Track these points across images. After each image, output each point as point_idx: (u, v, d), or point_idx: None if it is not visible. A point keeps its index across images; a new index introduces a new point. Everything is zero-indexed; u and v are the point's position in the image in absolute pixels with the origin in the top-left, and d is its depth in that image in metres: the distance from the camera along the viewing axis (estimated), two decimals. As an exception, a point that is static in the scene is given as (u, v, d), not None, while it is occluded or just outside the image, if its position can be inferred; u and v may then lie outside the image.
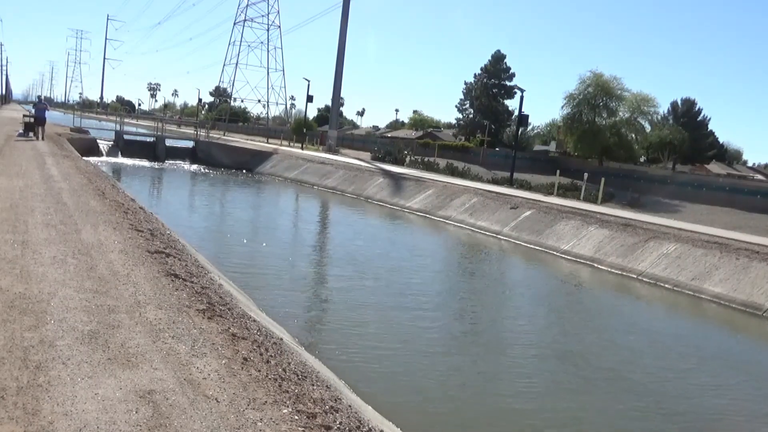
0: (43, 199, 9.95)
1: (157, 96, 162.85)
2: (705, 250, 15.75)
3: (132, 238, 8.06)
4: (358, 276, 12.96)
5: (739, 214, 25.80)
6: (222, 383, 3.97)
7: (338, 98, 50.59)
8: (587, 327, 11.41)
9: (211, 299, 6.03)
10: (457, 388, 7.56)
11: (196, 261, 8.22)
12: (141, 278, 6.13)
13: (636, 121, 40.33)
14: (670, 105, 59.14)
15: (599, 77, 39.45)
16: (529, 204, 22.38)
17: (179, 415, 3.45)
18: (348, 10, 45.89)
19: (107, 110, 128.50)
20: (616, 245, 17.44)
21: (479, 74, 58.74)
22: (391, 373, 7.65)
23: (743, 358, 10.67)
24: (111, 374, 3.83)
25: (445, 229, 22.11)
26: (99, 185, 13.13)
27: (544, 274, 16.61)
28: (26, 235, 7.20)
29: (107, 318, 4.82)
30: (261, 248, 15.33)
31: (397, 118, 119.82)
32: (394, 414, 5.89)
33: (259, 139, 60.67)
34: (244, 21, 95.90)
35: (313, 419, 3.75)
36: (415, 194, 26.70)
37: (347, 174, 32.24)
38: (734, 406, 8.12)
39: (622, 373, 8.79)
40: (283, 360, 4.81)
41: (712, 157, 62.23)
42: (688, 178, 35.61)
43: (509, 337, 10.18)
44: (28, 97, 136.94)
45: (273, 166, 38.09)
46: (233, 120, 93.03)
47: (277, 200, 28.41)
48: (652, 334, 11.30)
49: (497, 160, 41.31)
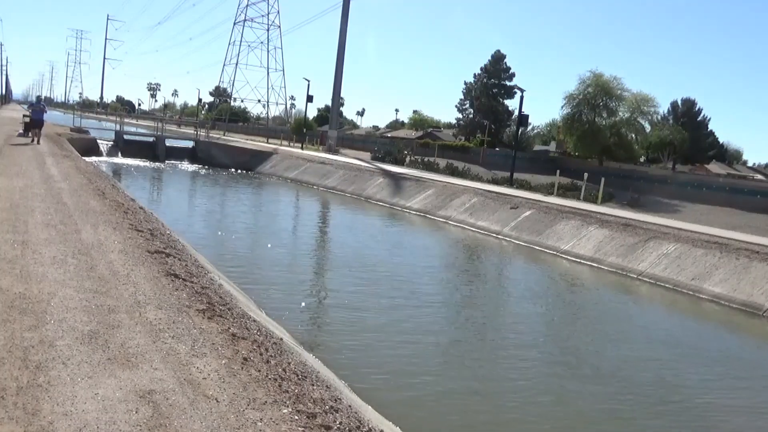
0: (43, 199, 9.95)
1: (157, 96, 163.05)
2: (705, 250, 15.75)
3: (132, 238, 8.06)
4: (358, 276, 12.95)
5: (739, 214, 25.81)
6: (222, 383, 3.97)
7: (338, 98, 50.60)
8: (587, 328, 11.41)
9: (211, 299, 6.02)
10: (457, 388, 7.56)
11: (196, 261, 8.22)
12: (141, 278, 6.12)
13: (636, 121, 40.34)
14: (670, 105, 59.29)
15: (599, 77, 39.46)
16: (529, 204, 22.38)
17: (179, 415, 3.45)
18: (348, 10, 45.91)
19: (107, 110, 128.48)
20: (616, 245, 17.44)
21: (479, 74, 58.74)
22: (391, 373, 7.65)
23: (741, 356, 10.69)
24: (111, 374, 3.82)
25: (445, 229, 22.11)
26: (99, 185, 13.13)
27: (545, 275, 16.61)
28: (26, 235, 7.20)
29: (107, 318, 4.81)
30: (261, 248, 15.33)
31: (397, 118, 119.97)
32: (394, 414, 5.90)
33: (259, 139, 60.65)
34: (244, 21, 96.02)
35: (313, 419, 3.75)
36: (415, 194, 26.70)
37: (347, 174, 32.23)
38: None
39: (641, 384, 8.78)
40: (283, 360, 4.81)
41: (712, 157, 62.26)
42: (688, 178, 35.61)
43: (510, 338, 10.17)
44: (28, 97, 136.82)
45: (273, 166, 38.09)
46: (233, 120, 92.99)
47: (277, 200, 28.40)
48: (660, 336, 11.30)
49: (497, 160, 41.30)
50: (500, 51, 57.90)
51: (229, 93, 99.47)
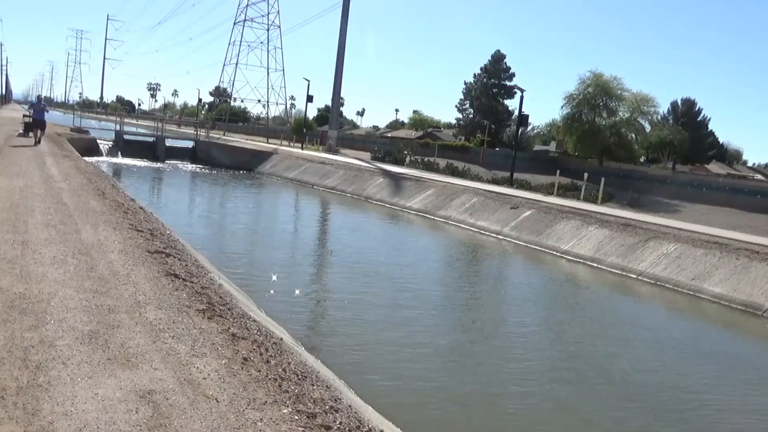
0: (43, 199, 9.95)
1: (157, 96, 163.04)
2: (705, 250, 15.75)
3: (132, 238, 8.06)
4: (358, 276, 12.95)
5: (739, 214, 25.81)
6: (222, 383, 3.97)
7: (338, 98, 50.60)
8: (587, 328, 11.41)
9: (211, 299, 6.02)
10: (458, 388, 7.56)
11: (196, 261, 8.22)
12: (141, 278, 6.12)
13: (636, 121, 40.34)
14: (670, 105, 59.35)
15: (599, 77, 39.46)
16: (529, 204, 22.38)
17: (179, 415, 3.45)
18: (348, 10, 45.92)
19: (107, 110, 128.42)
20: (616, 245, 17.44)
21: (479, 74, 58.74)
22: (391, 373, 7.65)
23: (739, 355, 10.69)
24: (111, 374, 3.82)
25: (445, 229, 22.11)
26: (99, 185, 13.13)
27: (545, 275, 16.61)
28: (26, 235, 7.20)
29: (107, 318, 4.81)
30: (262, 248, 15.33)
31: (397, 118, 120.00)
32: (395, 414, 5.89)
33: (259, 139, 60.64)
34: (244, 21, 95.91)
35: (313, 419, 3.75)
36: (415, 194, 26.70)
37: (347, 174, 32.24)
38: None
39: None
40: (283, 360, 4.81)
41: (712, 157, 62.28)
42: (688, 178, 35.61)
43: (510, 338, 10.16)
44: (28, 97, 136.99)
45: (273, 166, 38.10)
46: (233, 120, 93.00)
47: (277, 200, 28.41)
48: (668, 338, 11.30)
49: (497, 160, 41.31)
50: (500, 51, 57.97)
51: (229, 93, 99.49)
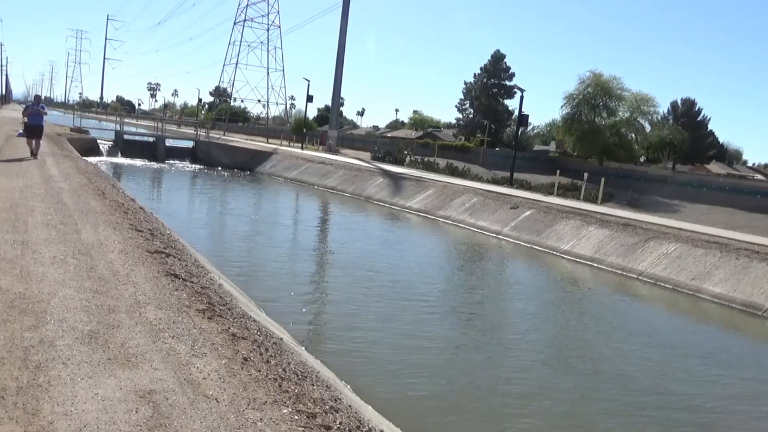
0: (43, 199, 9.95)
1: (157, 96, 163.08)
2: (705, 250, 15.75)
3: (132, 238, 8.06)
4: (358, 276, 12.95)
5: (739, 214, 25.80)
6: (222, 383, 3.97)
7: (338, 98, 50.60)
8: (587, 329, 11.41)
9: (211, 299, 6.02)
10: (458, 388, 7.56)
11: (196, 261, 8.22)
12: (141, 278, 6.12)
13: (636, 121, 40.33)
14: (670, 105, 59.27)
15: (599, 77, 39.46)
16: (529, 204, 22.38)
17: (179, 415, 3.45)
18: (348, 10, 45.91)
19: (107, 110, 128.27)
20: (616, 245, 17.44)
21: (479, 74, 58.78)
22: (391, 373, 7.65)
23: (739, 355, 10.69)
24: (111, 374, 3.82)
25: (445, 229, 22.11)
26: (99, 185, 13.13)
27: (545, 274, 16.61)
28: (26, 235, 7.19)
29: (107, 318, 4.81)
30: (262, 248, 15.32)
31: (397, 118, 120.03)
32: (395, 414, 5.89)
33: (259, 139, 60.63)
34: (244, 21, 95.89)
35: (313, 419, 3.75)
36: (415, 194, 26.70)
37: (347, 174, 32.24)
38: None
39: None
40: (283, 360, 4.81)
41: (712, 157, 62.24)
42: (688, 178, 35.60)
43: (510, 338, 10.16)
44: (28, 97, 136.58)
45: (273, 166, 38.10)
46: (233, 120, 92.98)
47: (277, 200, 28.40)
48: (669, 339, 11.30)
49: (497, 160, 41.31)
50: (500, 51, 58.05)
51: (229, 93, 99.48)
